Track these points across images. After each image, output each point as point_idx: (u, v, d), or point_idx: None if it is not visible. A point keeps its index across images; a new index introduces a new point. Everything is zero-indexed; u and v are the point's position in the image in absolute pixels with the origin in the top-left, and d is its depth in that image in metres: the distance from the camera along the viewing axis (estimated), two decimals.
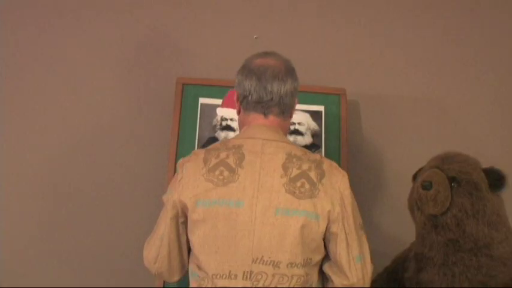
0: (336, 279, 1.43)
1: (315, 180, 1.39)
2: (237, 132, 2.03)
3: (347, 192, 1.43)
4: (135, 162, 2.17)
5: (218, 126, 2.03)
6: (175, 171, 1.90)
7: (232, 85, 2.08)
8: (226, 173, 1.38)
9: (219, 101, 2.05)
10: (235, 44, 2.26)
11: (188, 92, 2.06)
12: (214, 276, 1.36)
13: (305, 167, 1.40)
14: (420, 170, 1.79)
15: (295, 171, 1.39)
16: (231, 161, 1.39)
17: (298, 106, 2.04)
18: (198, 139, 2.00)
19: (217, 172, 1.39)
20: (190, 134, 2.01)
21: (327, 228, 1.39)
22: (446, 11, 2.36)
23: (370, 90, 2.29)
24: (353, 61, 2.31)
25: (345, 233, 1.40)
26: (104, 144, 2.19)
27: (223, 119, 2.03)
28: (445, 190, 1.61)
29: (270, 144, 1.42)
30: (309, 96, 2.08)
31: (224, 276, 1.35)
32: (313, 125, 2.06)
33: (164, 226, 1.45)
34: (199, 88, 2.07)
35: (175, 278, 1.51)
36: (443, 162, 1.69)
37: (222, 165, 1.39)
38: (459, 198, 1.61)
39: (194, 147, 1.99)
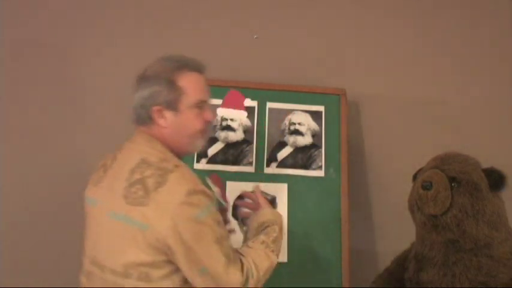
0: None
1: (151, 188, 1.29)
2: (238, 132, 2.04)
3: (187, 206, 1.27)
4: None
5: (218, 126, 2.03)
6: None
7: (232, 85, 2.09)
8: (101, 173, 1.43)
9: (219, 101, 2.05)
10: (235, 44, 2.26)
11: None
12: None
13: (147, 173, 1.31)
14: (420, 170, 1.78)
15: (136, 176, 1.32)
16: (108, 162, 1.44)
17: (298, 106, 2.07)
18: None
19: (99, 172, 1.45)
20: None
21: (163, 241, 1.26)
22: (446, 12, 2.35)
23: (370, 90, 2.28)
24: (353, 61, 2.30)
25: (184, 247, 1.26)
26: (104, 144, 2.17)
27: (223, 119, 2.03)
28: (445, 190, 1.61)
29: (129, 147, 1.42)
30: (309, 97, 2.08)
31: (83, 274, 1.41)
32: (313, 125, 2.06)
33: None
34: None
35: None
36: (443, 162, 1.68)
37: (102, 165, 1.45)
38: (459, 198, 1.61)
39: None
